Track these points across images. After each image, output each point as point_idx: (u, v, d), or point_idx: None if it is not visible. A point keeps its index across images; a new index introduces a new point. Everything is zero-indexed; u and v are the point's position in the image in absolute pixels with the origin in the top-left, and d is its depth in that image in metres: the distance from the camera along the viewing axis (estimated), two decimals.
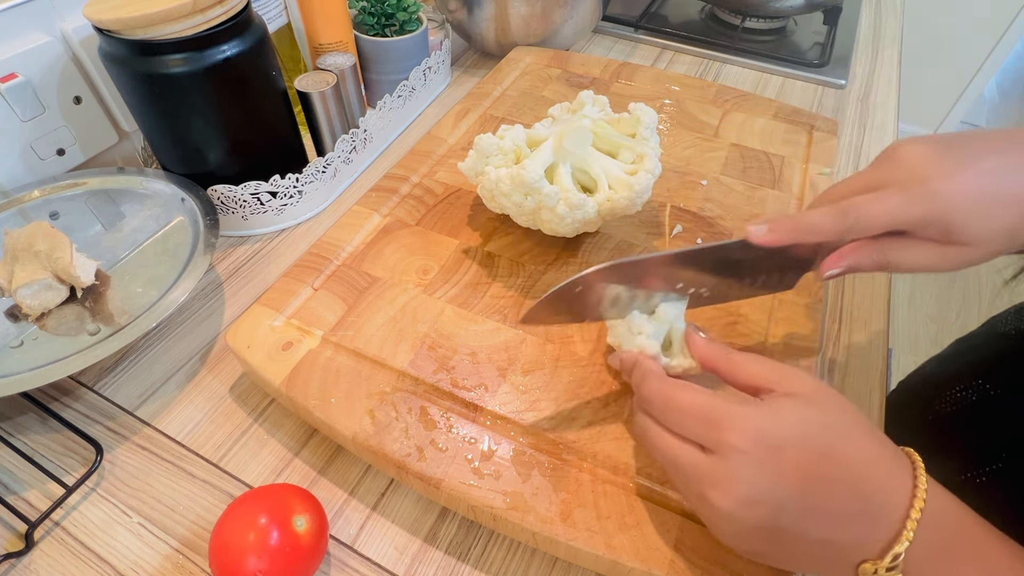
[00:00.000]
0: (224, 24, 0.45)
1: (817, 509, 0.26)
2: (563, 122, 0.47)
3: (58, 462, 0.41)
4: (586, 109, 0.48)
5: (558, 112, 0.51)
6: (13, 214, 0.49)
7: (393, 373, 0.40)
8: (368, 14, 0.63)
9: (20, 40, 0.49)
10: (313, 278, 0.46)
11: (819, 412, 0.28)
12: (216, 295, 0.51)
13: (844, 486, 0.26)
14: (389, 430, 0.37)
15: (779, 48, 0.81)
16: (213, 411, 0.44)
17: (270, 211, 0.55)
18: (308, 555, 0.33)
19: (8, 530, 0.38)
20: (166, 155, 0.52)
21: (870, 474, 0.27)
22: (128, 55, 0.45)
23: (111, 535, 0.38)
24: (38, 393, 0.44)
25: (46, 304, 0.42)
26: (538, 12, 0.71)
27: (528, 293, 0.45)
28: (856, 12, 0.88)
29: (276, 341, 0.42)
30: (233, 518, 0.33)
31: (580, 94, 0.49)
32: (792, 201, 0.52)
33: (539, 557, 0.37)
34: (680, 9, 0.90)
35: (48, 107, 0.52)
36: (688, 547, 0.32)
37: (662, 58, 0.80)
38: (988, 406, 0.47)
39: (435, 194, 0.53)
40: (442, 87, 0.74)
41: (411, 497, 0.39)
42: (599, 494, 0.35)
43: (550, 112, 0.51)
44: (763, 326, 0.43)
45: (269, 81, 0.51)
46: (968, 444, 0.47)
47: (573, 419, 0.38)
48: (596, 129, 0.46)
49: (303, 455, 0.41)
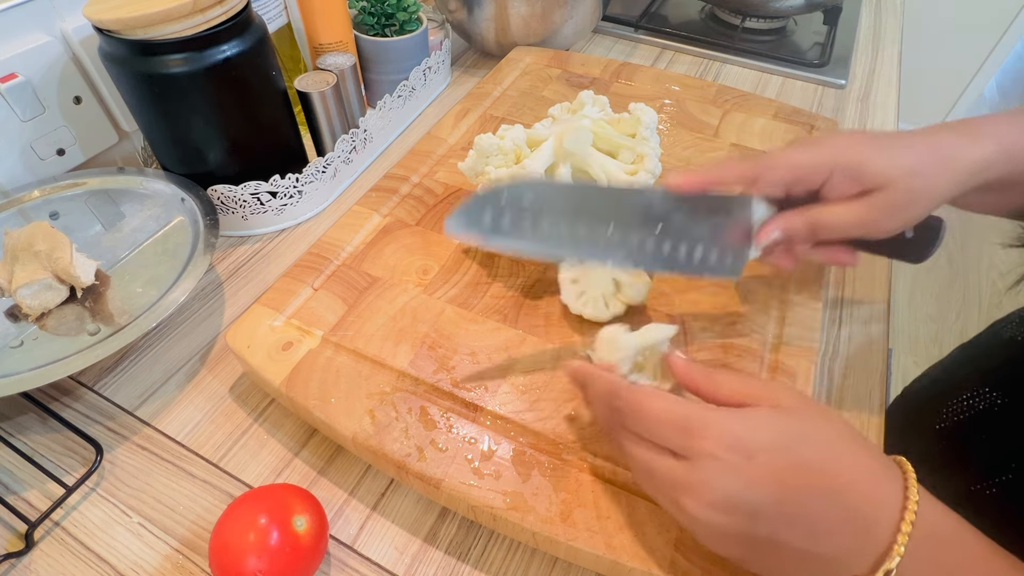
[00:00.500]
0: (224, 24, 0.45)
1: (796, 518, 0.26)
2: (563, 122, 0.47)
3: (58, 462, 0.41)
4: (586, 109, 0.48)
5: (558, 112, 0.51)
6: (13, 214, 0.49)
7: (393, 373, 0.40)
8: (368, 14, 0.63)
9: (20, 40, 0.49)
10: (313, 278, 0.46)
11: (799, 421, 0.27)
12: (216, 295, 0.51)
13: (825, 496, 0.25)
14: (389, 430, 0.37)
15: (779, 48, 0.81)
16: (213, 411, 0.44)
17: (270, 211, 0.55)
18: (308, 555, 0.33)
19: (8, 530, 0.38)
20: (166, 155, 0.52)
21: (854, 485, 0.26)
22: (128, 55, 0.45)
23: (111, 535, 0.38)
24: (38, 393, 0.44)
25: (46, 304, 0.42)
26: (538, 12, 0.71)
27: (528, 293, 0.45)
28: (856, 12, 0.88)
29: (276, 341, 0.42)
30: (233, 518, 0.33)
31: (580, 94, 0.49)
32: None
33: (539, 557, 0.37)
34: (680, 9, 0.89)
35: (48, 107, 0.52)
36: (688, 547, 0.32)
37: (662, 58, 0.80)
38: (996, 415, 0.47)
39: (435, 194, 0.53)
40: (442, 87, 0.74)
41: (411, 497, 0.39)
42: (599, 494, 0.35)
43: (550, 112, 0.51)
44: (763, 326, 0.43)
45: (269, 81, 0.51)
46: (977, 455, 0.46)
47: (573, 419, 0.38)
48: (596, 129, 0.46)
49: (303, 455, 0.41)
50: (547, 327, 0.43)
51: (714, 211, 0.37)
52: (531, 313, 0.44)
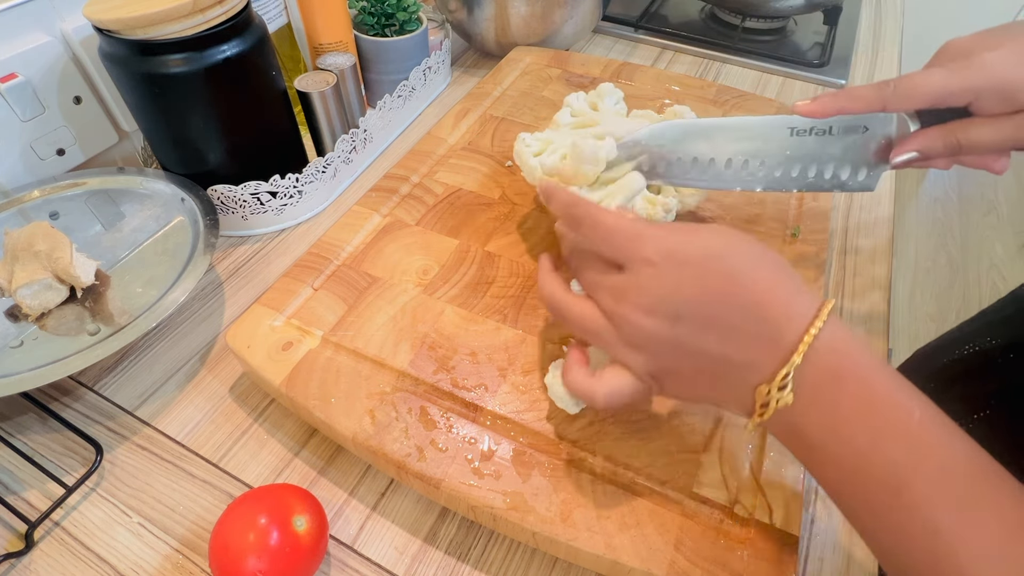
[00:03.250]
0: (224, 24, 0.45)
1: (714, 321, 0.27)
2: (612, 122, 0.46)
3: (58, 462, 0.41)
4: (606, 100, 0.48)
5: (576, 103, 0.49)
6: (13, 214, 0.49)
7: (393, 373, 0.40)
8: (368, 14, 0.63)
9: (20, 40, 0.49)
10: (313, 278, 0.46)
11: (733, 239, 0.29)
12: (216, 295, 0.51)
13: (743, 305, 0.27)
14: (389, 430, 0.37)
15: (779, 48, 0.81)
16: (213, 411, 0.44)
17: (270, 211, 0.55)
18: (308, 555, 0.33)
19: (8, 530, 0.38)
20: (166, 155, 0.52)
21: (770, 299, 0.27)
22: (128, 55, 0.45)
23: (111, 535, 0.38)
24: (38, 393, 0.44)
25: (46, 304, 0.42)
26: (538, 12, 0.71)
27: (528, 293, 0.45)
28: (856, 12, 0.88)
29: (276, 341, 0.42)
30: (233, 518, 0.33)
31: (600, 85, 0.49)
32: (792, 201, 0.52)
33: (539, 557, 0.37)
34: (680, 9, 0.89)
35: (48, 107, 0.52)
36: (688, 547, 0.32)
37: (662, 58, 0.80)
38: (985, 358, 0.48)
39: (435, 194, 0.53)
40: (442, 87, 0.74)
41: (411, 497, 0.39)
42: (599, 494, 0.35)
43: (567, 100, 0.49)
44: None
45: (269, 81, 0.51)
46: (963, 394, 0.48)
47: (573, 419, 0.38)
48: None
49: (303, 455, 0.41)
50: (547, 327, 0.43)
51: (850, 128, 0.37)
52: (531, 313, 0.44)
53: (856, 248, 0.53)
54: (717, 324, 0.27)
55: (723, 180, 0.40)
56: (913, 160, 0.36)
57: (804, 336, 0.26)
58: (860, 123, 0.37)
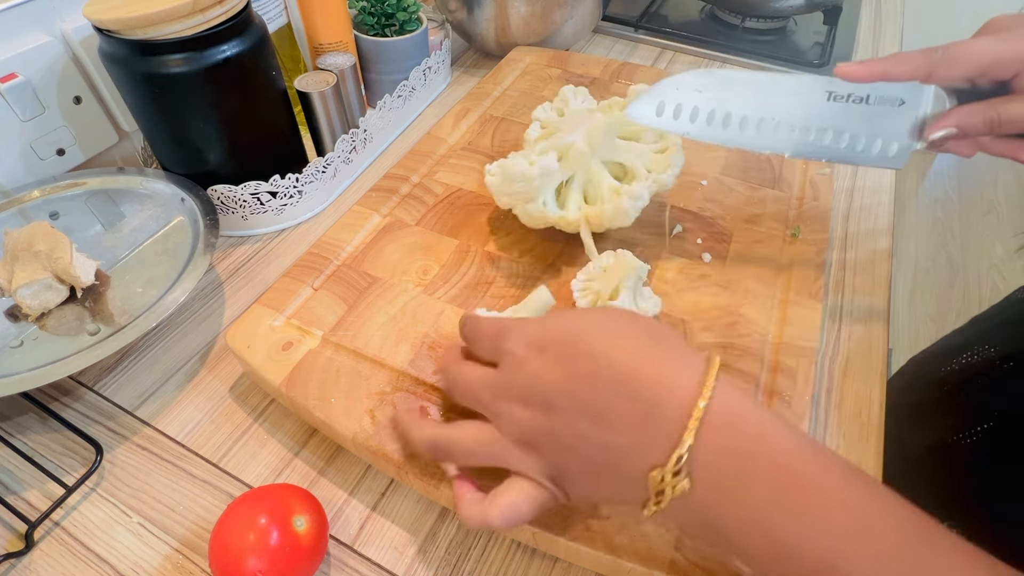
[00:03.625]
0: (224, 24, 0.45)
1: (584, 407, 0.26)
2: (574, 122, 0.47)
3: (58, 462, 0.41)
4: (572, 103, 0.49)
5: (542, 114, 0.52)
6: (13, 214, 0.49)
7: (393, 373, 0.40)
8: (368, 14, 0.63)
9: (20, 40, 0.49)
10: (313, 278, 0.46)
11: (590, 316, 0.29)
12: (216, 295, 0.51)
13: (610, 383, 0.25)
14: (389, 430, 0.37)
15: (779, 48, 0.81)
16: (213, 411, 0.44)
17: (270, 211, 0.55)
18: (308, 555, 0.33)
19: (8, 530, 0.38)
20: (166, 155, 0.52)
21: (640, 372, 0.25)
22: (128, 55, 0.45)
23: (111, 535, 0.38)
24: (38, 393, 0.44)
25: (46, 304, 0.42)
26: (538, 12, 0.71)
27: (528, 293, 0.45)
28: (856, 12, 0.88)
29: (276, 341, 0.42)
30: (233, 518, 0.33)
31: (561, 89, 0.51)
32: (792, 201, 0.52)
33: (539, 557, 0.37)
34: (680, 9, 0.89)
35: (48, 107, 0.52)
36: (688, 547, 0.32)
37: (662, 58, 0.80)
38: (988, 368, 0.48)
39: (435, 194, 0.53)
40: (442, 87, 0.74)
41: (411, 497, 0.39)
42: None
43: (534, 116, 0.52)
44: (763, 326, 0.43)
45: (269, 81, 0.51)
46: (966, 405, 0.47)
47: None
48: (610, 120, 0.46)
49: (303, 455, 0.41)
50: None
51: (886, 100, 0.37)
52: None
53: (856, 248, 0.53)
54: (588, 408, 0.26)
55: (752, 141, 0.39)
56: (948, 137, 0.35)
57: (692, 411, 0.24)
58: (897, 95, 0.37)
